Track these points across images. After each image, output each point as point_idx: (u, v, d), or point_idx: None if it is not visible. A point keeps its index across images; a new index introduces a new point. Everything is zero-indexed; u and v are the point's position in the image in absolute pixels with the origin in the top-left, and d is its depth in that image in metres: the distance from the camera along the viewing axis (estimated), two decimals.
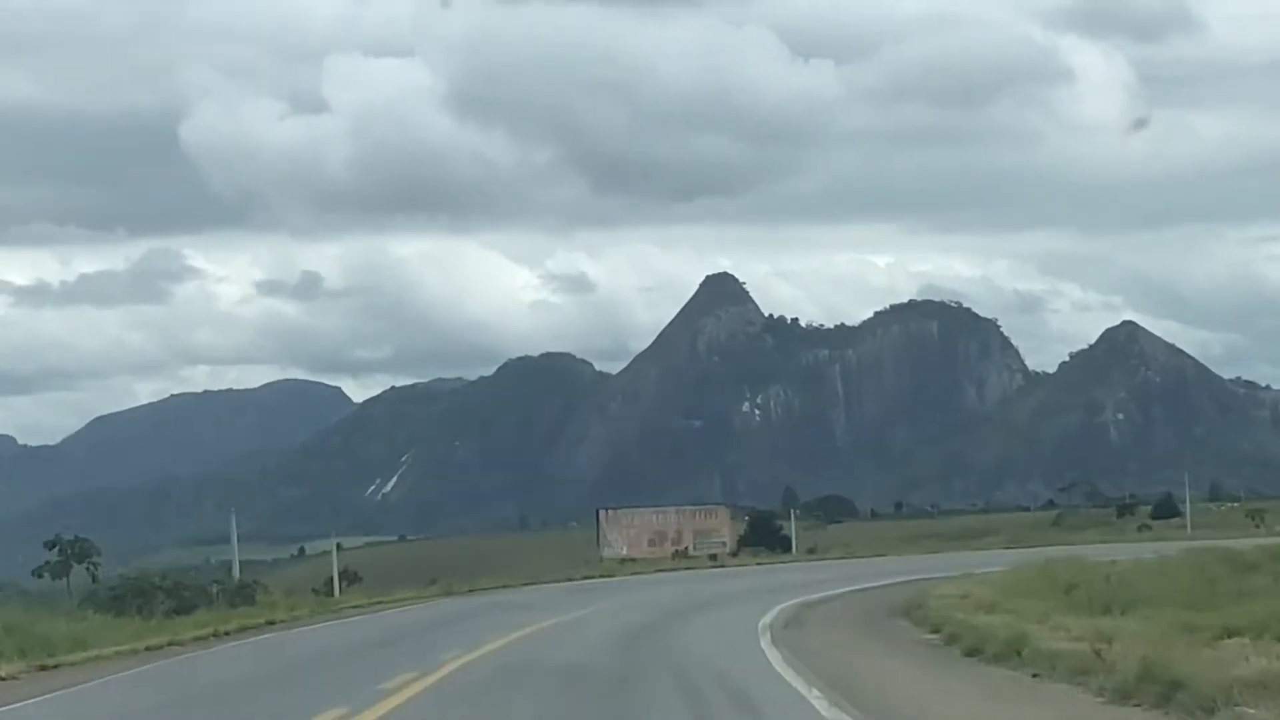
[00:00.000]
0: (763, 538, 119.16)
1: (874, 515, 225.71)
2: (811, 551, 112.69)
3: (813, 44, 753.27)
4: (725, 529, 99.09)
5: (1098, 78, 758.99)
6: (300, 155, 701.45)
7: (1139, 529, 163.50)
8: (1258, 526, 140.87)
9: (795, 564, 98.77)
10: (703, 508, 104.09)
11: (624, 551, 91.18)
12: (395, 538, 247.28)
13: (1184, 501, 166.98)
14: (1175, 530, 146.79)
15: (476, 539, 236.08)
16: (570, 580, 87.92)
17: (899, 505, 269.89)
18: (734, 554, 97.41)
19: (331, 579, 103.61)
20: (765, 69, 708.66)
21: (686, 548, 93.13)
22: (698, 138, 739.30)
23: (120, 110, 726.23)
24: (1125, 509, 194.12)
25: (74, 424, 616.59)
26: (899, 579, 79.41)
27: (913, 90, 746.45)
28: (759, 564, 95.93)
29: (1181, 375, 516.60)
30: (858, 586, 75.38)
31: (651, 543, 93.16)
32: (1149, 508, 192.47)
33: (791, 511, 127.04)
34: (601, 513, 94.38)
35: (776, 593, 70.60)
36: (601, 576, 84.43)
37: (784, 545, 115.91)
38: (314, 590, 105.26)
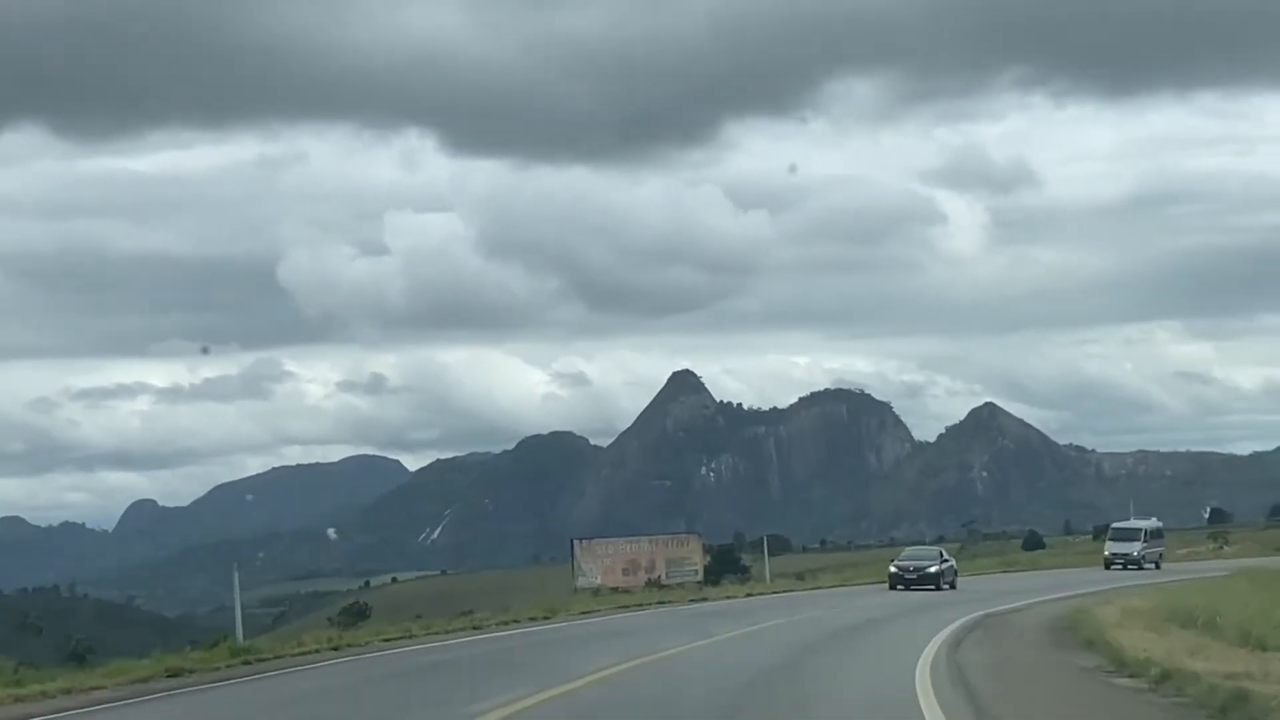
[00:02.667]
0: (726, 567, 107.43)
1: (804, 549, 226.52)
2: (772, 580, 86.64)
3: (751, 198, 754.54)
4: (696, 557, 79.54)
5: (963, 221, 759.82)
6: (367, 287, 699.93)
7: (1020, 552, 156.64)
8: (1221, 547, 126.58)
9: (789, 593, 74.34)
10: (675, 536, 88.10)
11: (598, 580, 72.97)
12: (439, 571, 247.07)
13: (1045, 536, 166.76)
14: (1052, 557, 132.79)
15: (501, 571, 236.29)
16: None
17: (823, 541, 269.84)
18: (700, 583, 76.00)
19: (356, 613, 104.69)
20: (716, 217, 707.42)
21: (659, 576, 74.41)
22: (667, 269, 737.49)
23: (234, 255, 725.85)
24: (1010, 538, 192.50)
25: (200, 490, 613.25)
26: (1004, 605, 53.66)
27: (827, 232, 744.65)
28: (750, 594, 69.37)
29: (1029, 443, 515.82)
30: (976, 613, 47.91)
31: (625, 571, 74.48)
32: (1018, 541, 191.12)
33: (765, 540, 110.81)
34: (576, 543, 76.35)
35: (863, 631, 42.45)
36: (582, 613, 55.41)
37: (743, 573, 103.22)
38: (329, 620, 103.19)
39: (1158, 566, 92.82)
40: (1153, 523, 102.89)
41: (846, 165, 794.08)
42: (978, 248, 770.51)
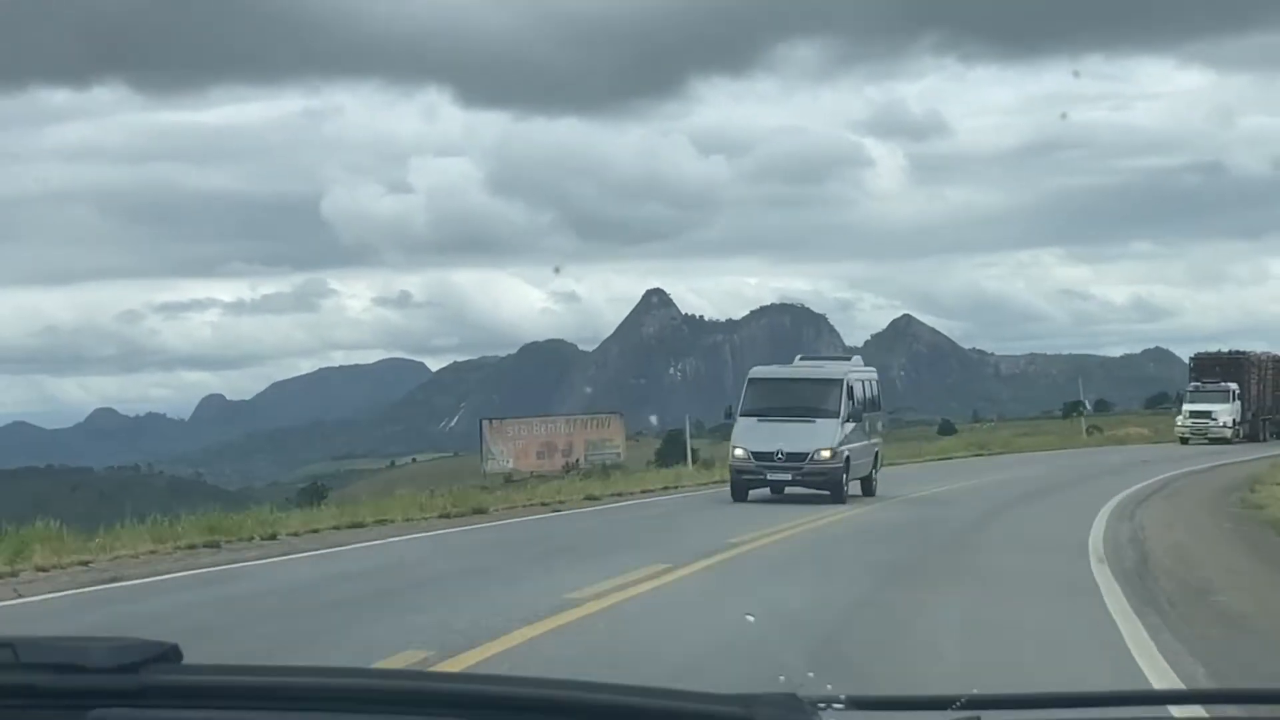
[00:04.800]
0: (672, 450, 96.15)
1: None
2: (708, 463, 67.26)
3: (711, 145, 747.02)
4: (618, 438, 58.23)
5: (887, 165, 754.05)
6: (395, 219, 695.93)
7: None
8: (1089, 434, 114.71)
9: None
10: (594, 416, 63.53)
11: (510, 465, 53.50)
12: (452, 453, 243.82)
13: (955, 423, 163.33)
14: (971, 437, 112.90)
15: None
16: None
17: None
18: (626, 463, 57.36)
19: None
20: (682, 161, 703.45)
21: (578, 459, 54.39)
22: (642, 205, 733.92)
23: (285, 193, 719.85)
24: (927, 425, 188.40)
25: (261, 386, 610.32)
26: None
27: (774, 173, 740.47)
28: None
29: (939, 348, 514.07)
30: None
31: (540, 455, 54.84)
32: (934, 427, 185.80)
33: (686, 423, 64.17)
34: (485, 424, 57.44)
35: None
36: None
37: (687, 457, 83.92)
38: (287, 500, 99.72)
39: None
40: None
41: (791, 117, 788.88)
42: (899, 187, 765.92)
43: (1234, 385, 72.83)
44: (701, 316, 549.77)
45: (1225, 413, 71.51)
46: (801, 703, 1.76)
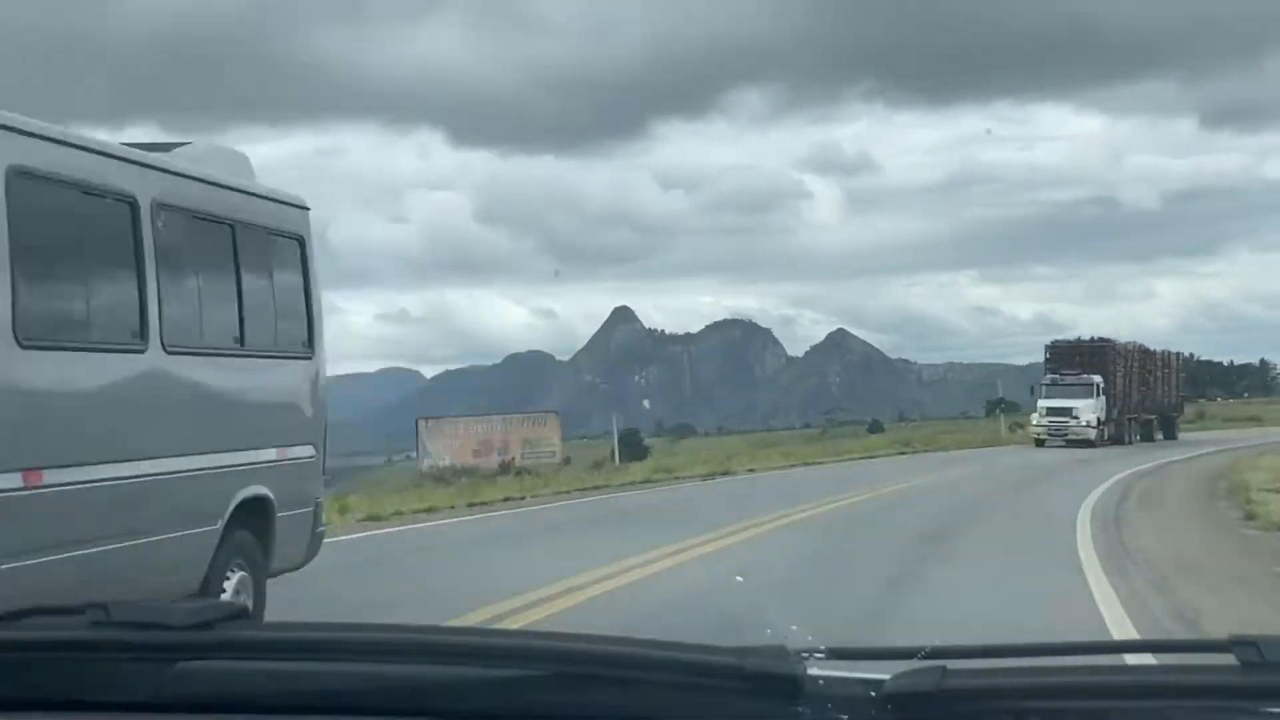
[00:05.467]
0: (629, 449, 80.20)
1: (705, 434, 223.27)
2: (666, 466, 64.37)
3: (672, 180, 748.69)
4: (555, 437, 50.13)
5: (825, 198, 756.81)
6: (395, 245, 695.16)
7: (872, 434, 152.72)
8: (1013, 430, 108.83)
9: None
10: (530, 415, 55.81)
11: (446, 463, 46.22)
12: None
13: (884, 423, 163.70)
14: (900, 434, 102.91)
15: None
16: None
17: (719, 428, 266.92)
18: (566, 462, 48.50)
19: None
20: (646, 194, 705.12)
21: (514, 459, 46.82)
22: (612, 232, 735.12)
23: None
24: (859, 424, 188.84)
25: None
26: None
27: (726, 205, 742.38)
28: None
29: (870, 358, 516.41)
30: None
31: (477, 453, 47.61)
32: (865, 426, 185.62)
33: (614, 423, 62.40)
34: (421, 422, 50.19)
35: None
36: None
37: (643, 454, 70.77)
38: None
39: None
40: None
41: (741, 156, 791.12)
42: (834, 217, 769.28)
43: (1098, 378, 56.46)
44: (663, 330, 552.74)
45: (1088, 410, 55.34)
46: (788, 653, 1.71)
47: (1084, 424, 54.74)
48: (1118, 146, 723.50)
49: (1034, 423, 56.82)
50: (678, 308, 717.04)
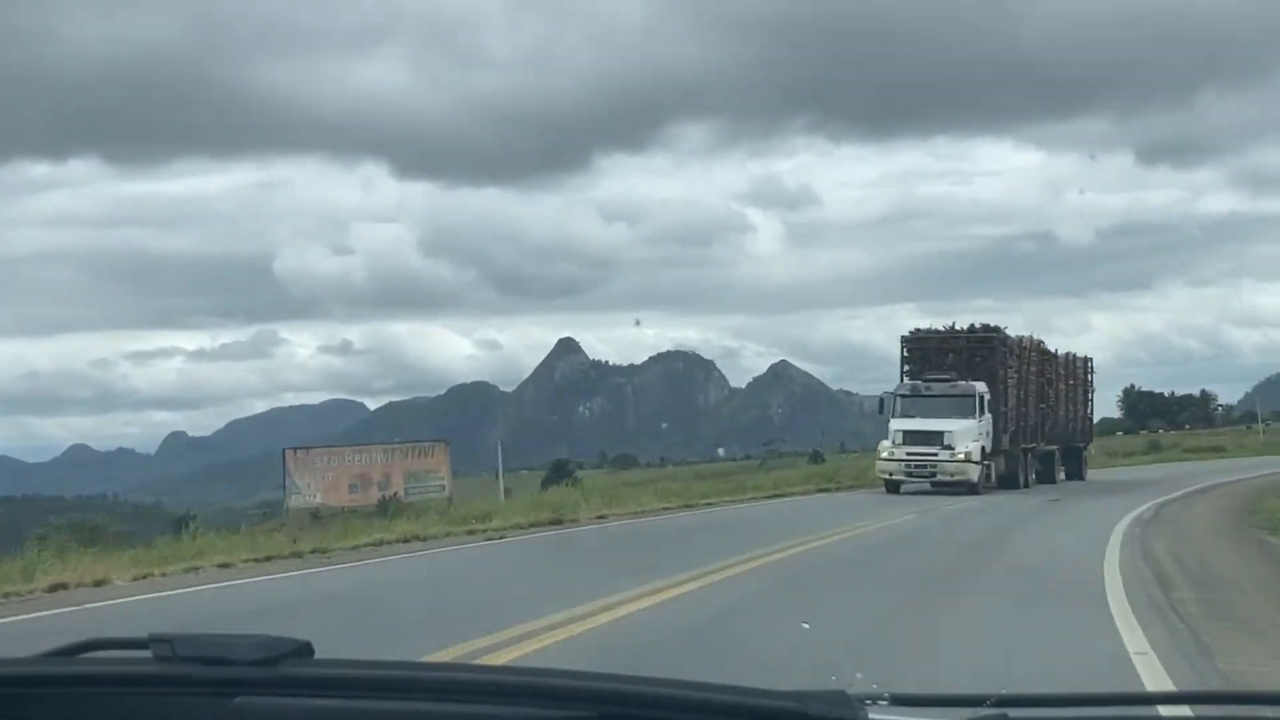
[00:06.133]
0: (557, 477, 74.19)
1: (648, 465, 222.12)
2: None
3: (614, 213, 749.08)
4: (443, 469, 43.44)
5: (766, 231, 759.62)
6: (339, 277, 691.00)
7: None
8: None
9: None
10: (416, 445, 47.29)
11: (317, 499, 39.64)
12: None
13: (825, 454, 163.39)
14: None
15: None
16: None
17: (662, 459, 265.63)
18: (450, 500, 39.40)
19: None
20: (589, 227, 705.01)
21: (396, 493, 40.62)
22: (555, 264, 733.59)
23: (241, 254, 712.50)
24: (800, 455, 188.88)
25: (219, 424, 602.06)
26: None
27: (669, 237, 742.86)
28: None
29: (811, 389, 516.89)
30: None
31: (353, 488, 41.12)
32: (806, 457, 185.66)
33: (499, 452, 51.78)
34: (289, 453, 42.28)
35: None
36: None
37: (575, 482, 72.42)
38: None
39: None
40: None
41: (683, 189, 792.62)
42: (776, 250, 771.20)
43: (981, 387, 37.92)
44: (607, 362, 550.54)
45: (967, 435, 36.92)
46: (850, 699, 1.72)
47: (960, 457, 36.71)
48: (1055, 182, 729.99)
49: (883, 455, 38.33)
50: (622, 339, 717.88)
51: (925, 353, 40.64)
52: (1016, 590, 14.68)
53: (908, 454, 37.79)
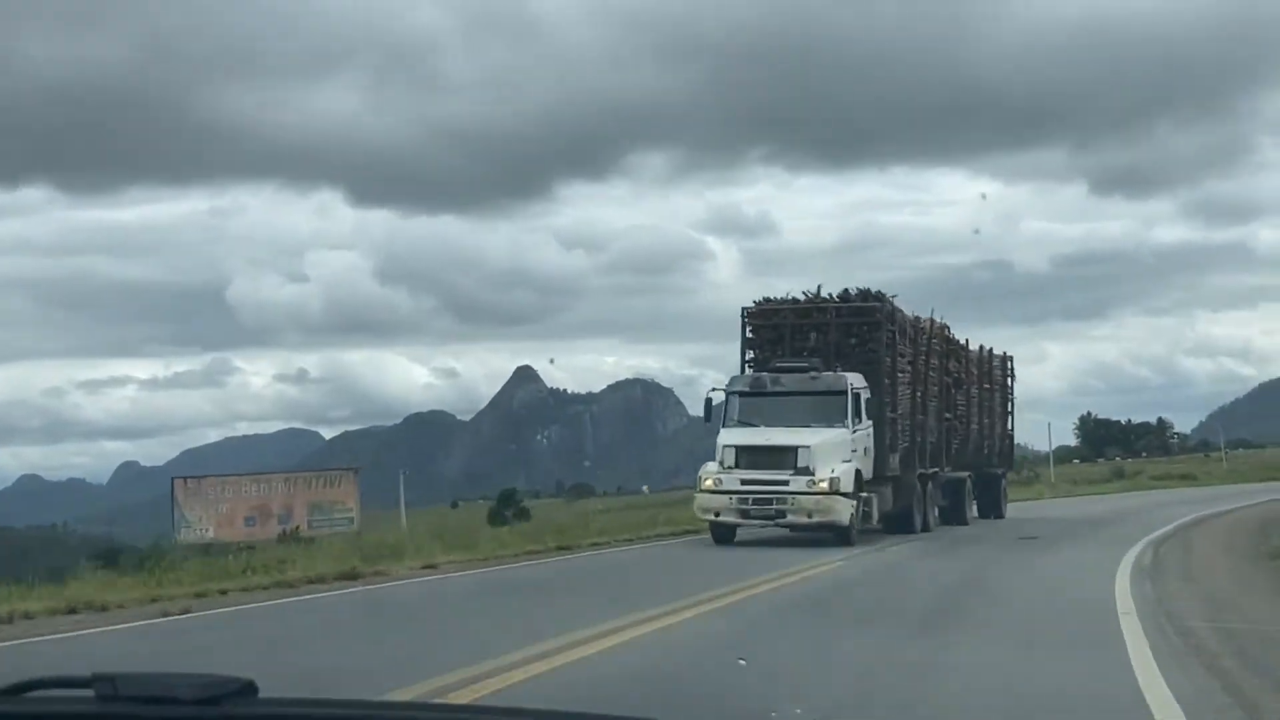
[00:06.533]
0: (504, 506, 73.15)
1: (605, 494, 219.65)
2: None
3: (573, 241, 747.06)
4: (351, 500, 39.94)
5: (724, 259, 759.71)
6: (294, 305, 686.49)
7: None
8: None
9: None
10: (322, 473, 42.60)
11: (210, 533, 36.66)
12: None
13: None
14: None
15: (387, 510, 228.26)
16: None
17: (619, 489, 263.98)
18: (359, 534, 34.49)
19: None
20: (547, 254, 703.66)
21: (298, 526, 37.23)
22: (512, 292, 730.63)
23: (194, 282, 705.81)
24: None
25: (173, 454, 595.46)
26: None
27: (628, 265, 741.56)
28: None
29: None
30: None
31: (250, 520, 37.93)
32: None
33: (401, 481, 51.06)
34: (178, 483, 40.62)
35: None
36: None
37: (526, 516, 65.44)
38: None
39: None
40: None
41: (642, 217, 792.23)
42: (735, 278, 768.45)
43: (855, 380, 26.50)
44: (565, 389, 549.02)
45: (833, 451, 25.46)
46: None
47: (823, 487, 25.02)
48: (1011, 212, 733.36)
49: (706, 484, 26.28)
50: (580, 367, 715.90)
51: (778, 331, 28.27)
52: None
53: (743, 482, 25.61)
